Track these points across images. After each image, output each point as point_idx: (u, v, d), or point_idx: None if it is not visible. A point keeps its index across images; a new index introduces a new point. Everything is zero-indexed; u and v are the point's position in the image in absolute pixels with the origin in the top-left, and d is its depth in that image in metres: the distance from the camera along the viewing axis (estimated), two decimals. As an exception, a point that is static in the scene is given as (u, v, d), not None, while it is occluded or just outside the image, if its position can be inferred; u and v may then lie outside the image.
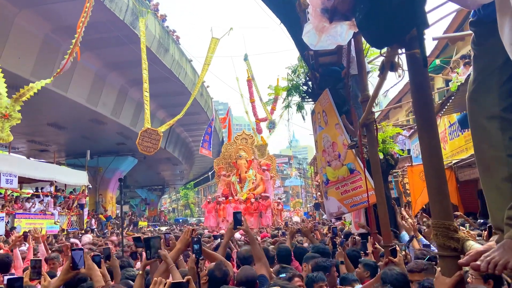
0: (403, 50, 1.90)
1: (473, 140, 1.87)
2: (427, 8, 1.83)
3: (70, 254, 2.93)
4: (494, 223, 1.77)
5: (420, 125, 1.81)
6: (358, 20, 1.96)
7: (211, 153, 25.34)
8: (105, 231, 23.12)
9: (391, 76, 2.52)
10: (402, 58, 2.09)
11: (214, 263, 3.34)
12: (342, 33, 2.43)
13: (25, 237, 6.46)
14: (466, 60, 10.59)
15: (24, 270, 4.53)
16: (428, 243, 4.98)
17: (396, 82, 2.53)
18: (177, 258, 3.43)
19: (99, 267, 3.35)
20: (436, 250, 3.25)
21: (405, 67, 2.00)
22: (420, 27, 1.77)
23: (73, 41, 12.21)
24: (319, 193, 34.58)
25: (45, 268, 4.67)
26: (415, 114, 1.87)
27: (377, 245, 4.49)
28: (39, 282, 3.06)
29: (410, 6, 1.73)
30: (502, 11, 1.49)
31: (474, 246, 1.60)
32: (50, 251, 6.32)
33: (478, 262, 1.49)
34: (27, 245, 6.57)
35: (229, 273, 3.26)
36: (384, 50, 2.27)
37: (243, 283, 3.21)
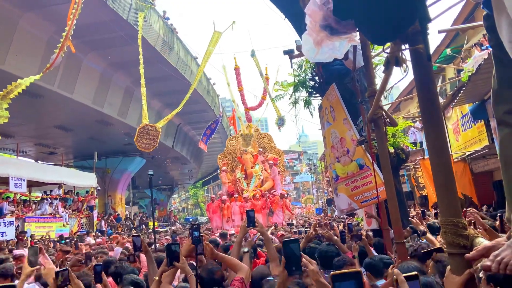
0: (407, 46, 1.92)
1: (498, 135, 1.83)
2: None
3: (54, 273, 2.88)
4: (507, 217, 1.74)
5: (426, 121, 1.82)
6: (357, 18, 1.97)
7: (206, 147, 24.90)
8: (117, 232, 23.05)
9: (399, 69, 2.48)
10: (406, 53, 2.11)
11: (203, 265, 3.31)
12: (341, 48, 2.49)
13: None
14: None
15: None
16: None
17: (401, 77, 2.57)
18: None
19: (100, 277, 3.33)
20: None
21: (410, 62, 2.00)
22: (422, 22, 1.77)
23: (64, 34, 11.90)
24: (330, 188, 34.30)
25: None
26: (420, 111, 1.88)
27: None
28: None
29: (409, 1, 1.72)
30: (498, 9, 1.45)
31: (484, 243, 1.58)
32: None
33: (488, 263, 1.44)
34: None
35: (217, 271, 3.21)
36: (388, 45, 2.28)
37: (257, 281, 3.24)
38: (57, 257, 6.86)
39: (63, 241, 13.55)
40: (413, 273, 1.58)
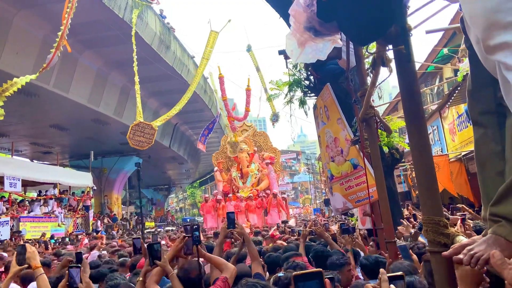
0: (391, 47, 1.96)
1: (473, 135, 1.86)
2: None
3: (67, 271, 2.88)
4: (483, 216, 1.76)
5: (408, 121, 1.84)
6: (339, 20, 2.03)
7: (205, 147, 24.80)
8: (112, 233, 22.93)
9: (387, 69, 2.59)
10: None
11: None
12: (324, 49, 2.53)
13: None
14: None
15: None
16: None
17: (386, 77, 2.67)
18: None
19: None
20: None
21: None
22: (401, 23, 1.83)
23: (59, 33, 11.80)
24: (327, 188, 34.22)
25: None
26: (403, 110, 1.90)
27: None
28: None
29: (387, 4, 1.79)
30: None
31: (464, 241, 1.60)
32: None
33: (460, 256, 1.48)
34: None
35: (193, 270, 3.18)
36: (373, 47, 2.52)
37: (237, 278, 3.21)
38: None
39: (53, 241, 13.46)
40: (399, 273, 1.55)
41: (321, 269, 1.48)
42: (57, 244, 14.01)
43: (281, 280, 3.28)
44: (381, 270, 1.55)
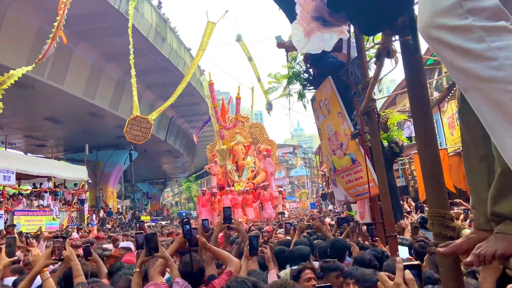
0: (398, 37, 1.96)
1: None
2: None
3: (51, 242, 2.94)
4: (471, 204, 1.71)
5: (414, 112, 1.83)
6: (348, 9, 2.02)
7: (196, 138, 24.63)
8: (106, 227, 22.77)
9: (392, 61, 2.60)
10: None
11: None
12: (330, 40, 2.51)
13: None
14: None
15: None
16: None
17: (391, 69, 2.65)
18: (172, 256, 3.41)
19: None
20: None
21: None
22: (409, 14, 1.83)
23: (55, 24, 11.64)
24: (324, 183, 34.16)
25: None
26: (409, 101, 1.88)
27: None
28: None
29: None
30: None
31: (462, 238, 1.58)
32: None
33: (471, 258, 1.44)
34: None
35: (195, 264, 3.12)
36: (379, 38, 2.35)
37: None
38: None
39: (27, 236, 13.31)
40: (416, 262, 1.50)
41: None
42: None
43: (291, 272, 3.46)
44: (398, 259, 1.52)
